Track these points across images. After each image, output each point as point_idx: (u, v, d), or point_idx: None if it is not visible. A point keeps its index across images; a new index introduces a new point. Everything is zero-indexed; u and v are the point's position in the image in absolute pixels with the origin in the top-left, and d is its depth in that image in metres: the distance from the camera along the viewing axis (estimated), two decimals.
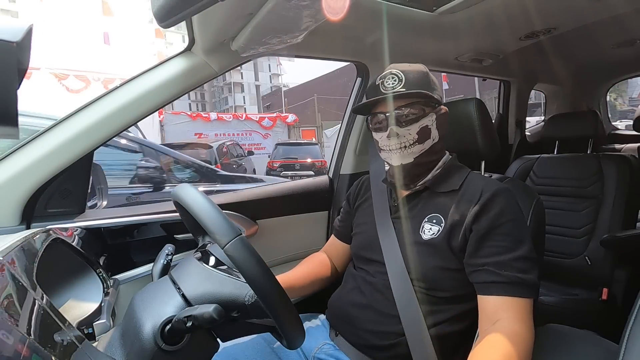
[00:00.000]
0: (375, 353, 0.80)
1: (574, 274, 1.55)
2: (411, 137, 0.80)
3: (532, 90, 2.36)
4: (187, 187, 0.62)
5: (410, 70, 0.81)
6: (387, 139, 0.81)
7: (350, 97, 1.45)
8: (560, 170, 1.67)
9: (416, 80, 0.80)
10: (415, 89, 0.79)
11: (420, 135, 0.80)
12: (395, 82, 0.80)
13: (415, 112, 0.80)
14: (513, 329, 0.65)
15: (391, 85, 0.80)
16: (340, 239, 1.04)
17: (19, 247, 0.60)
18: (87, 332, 0.69)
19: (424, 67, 0.85)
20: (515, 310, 0.67)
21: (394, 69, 0.82)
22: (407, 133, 0.80)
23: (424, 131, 0.81)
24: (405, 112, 0.79)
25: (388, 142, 0.82)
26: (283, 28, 0.85)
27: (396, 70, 0.81)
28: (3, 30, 0.35)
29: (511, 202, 0.76)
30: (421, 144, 0.81)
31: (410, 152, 0.81)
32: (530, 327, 0.67)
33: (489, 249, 0.71)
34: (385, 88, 0.80)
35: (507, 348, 0.62)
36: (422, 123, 0.80)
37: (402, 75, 0.80)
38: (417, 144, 0.81)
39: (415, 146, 0.81)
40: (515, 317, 0.67)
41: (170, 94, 0.98)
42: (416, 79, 0.80)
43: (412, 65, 0.84)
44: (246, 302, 0.60)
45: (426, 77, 0.82)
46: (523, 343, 0.64)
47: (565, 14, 1.22)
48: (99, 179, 1.52)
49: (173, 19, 0.66)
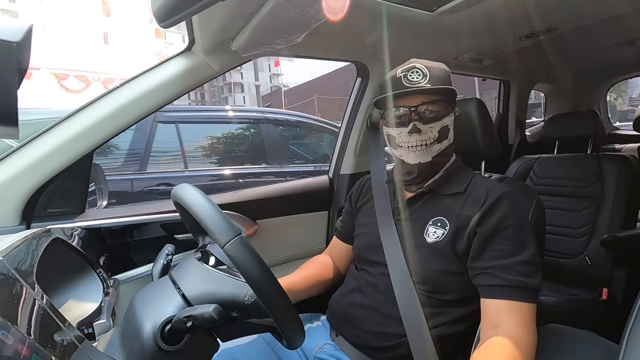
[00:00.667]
0: (375, 353, 0.80)
1: (574, 274, 1.54)
2: (432, 135, 0.78)
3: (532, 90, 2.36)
4: (187, 187, 0.62)
5: (434, 67, 0.80)
6: (408, 135, 0.78)
7: (350, 97, 1.45)
8: (560, 170, 1.67)
9: (440, 78, 0.79)
10: (440, 85, 0.77)
11: (440, 134, 0.79)
12: (420, 77, 0.78)
13: (439, 109, 0.78)
14: (515, 333, 0.65)
15: (416, 80, 0.78)
16: (343, 240, 1.04)
17: (19, 247, 0.60)
18: (87, 332, 0.69)
19: (446, 66, 0.83)
20: (517, 315, 0.67)
21: (417, 63, 0.80)
22: (430, 130, 0.78)
23: (444, 130, 0.79)
24: (430, 108, 0.78)
25: (408, 138, 0.79)
26: (283, 28, 0.85)
27: (420, 65, 0.79)
28: (3, 30, 0.35)
29: (516, 206, 0.76)
30: (439, 143, 0.80)
31: (430, 150, 0.79)
32: (533, 332, 0.67)
33: (493, 252, 0.71)
34: (410, 82, 0.78)
35: (510, 352, 0.62)
36: (444, 122, 0.79)
37: (426, 70, 0.78)
38: (436, 143, 0.79)
39: (434, 145, 0.79)
40: (517, 322, 0.66)
41: (170, 94, 0.98)
42: (440, 76, 0.79)
43: (433, 62, 0.82)
44: (246, 301, 0.60)
45: (448, 76, 0.81)
46: (526, 347, 0.63)
47: (565, 14, 1.22)
48: (98, 179, 1.51)
49: (173, 19, 0.66)
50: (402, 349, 0.76)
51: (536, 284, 0.69)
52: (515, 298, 0.67)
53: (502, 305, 0.68)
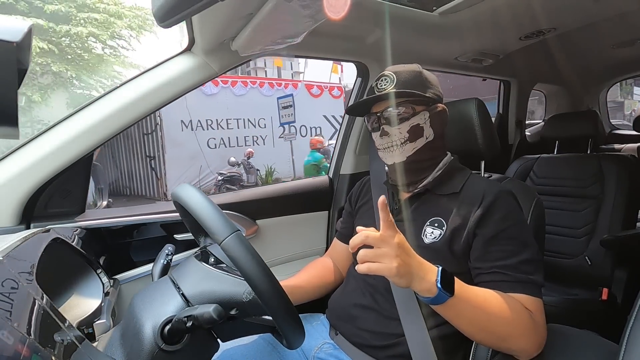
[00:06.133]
0: (375, 352, 0.80)
1: (574, 274, 1.54)
2: (401, 135, 0.81)
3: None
4: (187, 187, 0.63)
5: (403, 71, 0.83)
6: (380, 138, 0.83)
7: (350, 97, 1.46)
8: (560, 170, 1.67)
9: (407, 80, 0.81)
10: (406, 88, 0.80)
11: (411, 133, 0.81)
12: (387, 83, 0.82)
13: (405, 111, 0.81)
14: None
15: (383, 86, 0.82)
16: (343, 241, 1.04)
17: (19, 247, 0.60)
18: (87, 332, 0.69)
19: (418, 66, 0.86)
20: (527, 307, 0.68)
21: (388, 70, 0.84)
22: (398, 132, 0.81)
23: (416, 130, 0.81)
24: (395, 111, 0.81)
25: (381, 141, 0.84)
26: (283, 28, 0.85)
27: (389, 72, 0.83)
28: (3, 30, 0.35)
29: (514, 205, 0.77)
30: (412, 142, 0.81)
31: (402, 150, 0.82)
32: (543, 324, 0.68)
33: (496, 254, 0.72)
34: (379, 89, 0.82)
35: (525, 312, 0.66)
36: (413, 122, 0.81)
37: (393, 76, 0.82)
38: (409, 142, 0.81)
39: (406, 144, 0.81)
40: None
41: (170, 94, 0.98)
42: (407, 79, 0.82)
43: (406, 65, 0.86)
44: (244, 299, 0.60)
45: (418, 77, 0.83)
46: (539, 321, 0.67)
47: (565, 14, 1.22)
48: (98, 179, 1.52)
49: (173, 19, 0.66)
50: (401, 347, 0.76)
51: (540, 280, 0.70)
52: (523, 292, 0.68)
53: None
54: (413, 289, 0.60)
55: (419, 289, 0.60)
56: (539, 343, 0.66)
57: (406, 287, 0.59)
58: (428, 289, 0.60)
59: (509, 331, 0.64)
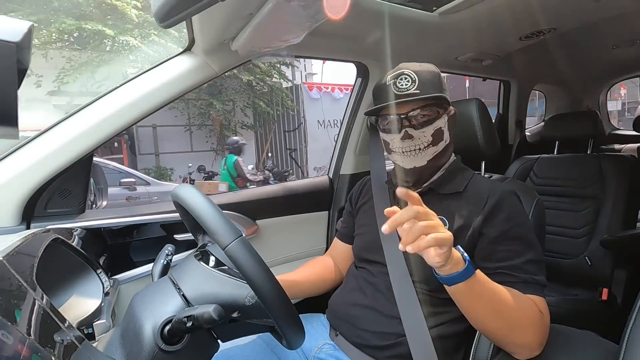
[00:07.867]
0: (375, 353, 0.80)
1: (574, 274, 1.54)
2: (426, 139, 0.79)
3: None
4: (188, 187, 0.62)
5: (423, 71, 0.80)
6: (401, 141, 0.79)
7: (350, 97, 1.45)
8: (560, 170, 1.67)
9: (429, 82, 0.79)
10: (429, 90, 0.77)
11: (434, 137, 0.79)
12: (409, 83, 0.78)
13: (430, 114, 0.78)
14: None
15: (405, 87, 0.78)
16: (344, 240, 1.04)
17: (19, 247, 0.60)
18: (87, 332, 0.69)
19: (435, 67, 0.83)
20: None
21: (405, 69, 0.80)
22: (422, 135, 0.79)
23: (438, 133, 0.80)
24: (421, 114, 0.78)
25: (402, 144, 0.80)
26: (283, 28, 0.85)
27: (409, 71, 0.79)
28: (3, 30, 0.35)
29: (518, 205, 0.77)
30: (435, 146, 0.80)
31: (425, 154, 0.80)
32: (548, 323, 0.68)
33: (502, 254, 0.72)
34: (399, 89, 0.78)
35: (535, 308, 0.66)
36: (437, 125, 0.79)
37: (415, 76, 0.78)
38: (431, 146, 0.80)
39: (429, 148, 0.79)
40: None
41: (170, 94, 0.98)
42: (429, 80, 0.79)
43: (422, 65, 0.82)
44: (246, 302, 0.60)
45: (438, 78, 0.81)
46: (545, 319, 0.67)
47: (565, 14, 1.22)
48: (98, 179, 1.51)
49: (173, 19, 0.66)
50: (401, 347, 0.76)
51: (544, 281, 0.70)
52: (529, 292, 0.68)
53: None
54: (449, 264, 0.58)
55: (455, 259, 0.59)
56: (542, 340, 0.66)
57: (448, 260, 0.57)
58: (458, 260, 0.59)
59: (520, 318, 0.64)
